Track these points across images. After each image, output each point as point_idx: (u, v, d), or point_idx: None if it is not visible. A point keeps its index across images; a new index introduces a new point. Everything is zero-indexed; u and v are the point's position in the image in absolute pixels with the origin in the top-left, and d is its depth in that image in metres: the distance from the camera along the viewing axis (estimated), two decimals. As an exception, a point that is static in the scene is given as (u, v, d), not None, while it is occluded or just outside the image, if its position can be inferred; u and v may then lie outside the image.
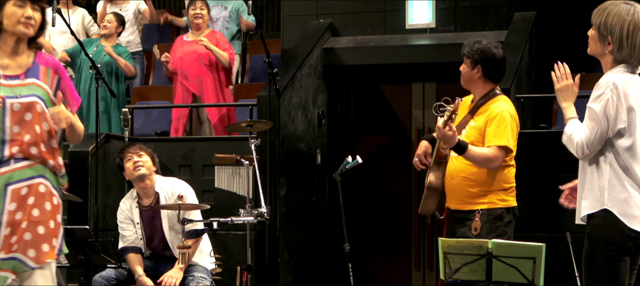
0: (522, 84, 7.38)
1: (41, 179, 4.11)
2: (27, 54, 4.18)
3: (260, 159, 6.60)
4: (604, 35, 4.01)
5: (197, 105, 8.34)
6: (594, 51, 4.12)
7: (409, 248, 8.67)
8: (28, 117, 4.07)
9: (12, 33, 4.11)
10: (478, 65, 5.30)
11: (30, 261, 4.06)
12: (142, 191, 6.09)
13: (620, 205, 3.97)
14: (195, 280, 5.95)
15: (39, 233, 4.08)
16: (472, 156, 5.14)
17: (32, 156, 4.09)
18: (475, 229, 5.22)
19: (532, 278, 4.73)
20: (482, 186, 5.26)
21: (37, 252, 4.07)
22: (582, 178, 4.12)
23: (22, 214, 4.05)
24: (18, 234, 4.04)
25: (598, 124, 3.98)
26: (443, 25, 8.33)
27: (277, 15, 11.29)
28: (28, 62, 4.15)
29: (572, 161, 4.21)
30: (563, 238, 6.18)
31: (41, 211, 4.10)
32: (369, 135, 8.88)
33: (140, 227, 6.08)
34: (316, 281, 8.01)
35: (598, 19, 4.03)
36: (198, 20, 8.41)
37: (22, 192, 4.06)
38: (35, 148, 4.08)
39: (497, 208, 5.27)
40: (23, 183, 4.07)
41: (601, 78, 4.05)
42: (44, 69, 4.17)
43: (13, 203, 4.05)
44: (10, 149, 4.05)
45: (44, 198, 4.11)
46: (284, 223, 7.40)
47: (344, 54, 8.39)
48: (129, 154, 6.09)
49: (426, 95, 8.78)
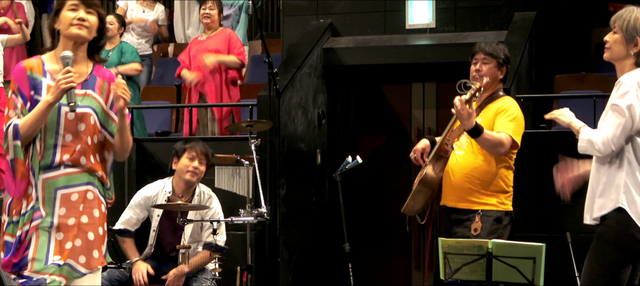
0: (522, 84, 7.38)
1: (90, 187, 4.11)
2: (86, 64, 4.15)
3: (260, 159, 6.60)
4: (632, 36, 4.09)
5: (197, 105, 8.33)
6: (615, 54, 4.17)
7: (409, 248, 8.67)
8: (81, 127, 4.06)
9: (67, 37, 4.09)
10: (504, 66, 5.43)
11: (82, 267, 4.06)
12: (181, 189, 6.09)
13: (635, 206, 3.98)
14: (198, 281, 5.97)
15: (89, 239, 4.08)
16: (485, 138, 5.17)
17: (81, 166, 4.09)
18: (475, 230, 5.24)
19: (532, 278, 4.73)
20: (485, 184, 5.29)
21: (88, 258, 4.08)
22: (596, 177, 4.13)
23: (74, 220, 4.06)
24: (71, 239, 4.05)
25: (623, 119, 4.01)
26: (443, 25, 8.33)
27: (277, 15, 11.29)
28: (86, 73, 4.14)
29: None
30: (563, 238, 6.18)
31: (90, 217, 4.10)
32: (369, 135, 8.88)
33: (157, 223, 6.09)
34: (316, 281, 8.01)
35: (623, 22, 4.11)
36: (206, 20, 8.42)
37: (72, 198, 4.06)
38: (84, 159, 4.08)
39: (496, 211, 5.31)
40: (73, 188, 4.07)
41: (623, 77, 4.10)
42: (100, 82, 4.16)
43: (63, 208, 4.05)
44: (62, 157, 4.05)
45: (92, 204, 4.12)
46: (284, 223, 7.40)
47: (344, 54, 8.39)
48: (194, 153, 6.06)
49: (426, 95, 8.78)
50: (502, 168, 5.35)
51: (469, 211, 5.32)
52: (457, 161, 5.37)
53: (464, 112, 5.02)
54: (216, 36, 8.34)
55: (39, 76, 4.08)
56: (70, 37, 4.09)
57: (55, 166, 4.05)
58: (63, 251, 4.03)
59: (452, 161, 5.40)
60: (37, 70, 4.09)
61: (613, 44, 4.16)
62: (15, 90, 4.06)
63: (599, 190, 4.09)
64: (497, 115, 5.31)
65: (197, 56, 8.24)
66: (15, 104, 4.05)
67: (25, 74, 4.07)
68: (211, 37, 8.34)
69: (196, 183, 6.11)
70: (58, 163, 4.05)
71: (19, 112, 4.03)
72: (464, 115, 5.03)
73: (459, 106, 5.01)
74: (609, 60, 4.21)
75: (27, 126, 3.99)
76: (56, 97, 3.98)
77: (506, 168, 5.37)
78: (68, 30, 4.08)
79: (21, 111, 4.03)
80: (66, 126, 4.05)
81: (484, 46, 5.44)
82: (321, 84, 8.33)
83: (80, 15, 4.07)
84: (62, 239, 4.04)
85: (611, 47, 4.17)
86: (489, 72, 5.38)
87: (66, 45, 4.11)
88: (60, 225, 4.04)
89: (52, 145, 4.05)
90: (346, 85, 8.78)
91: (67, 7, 4.09)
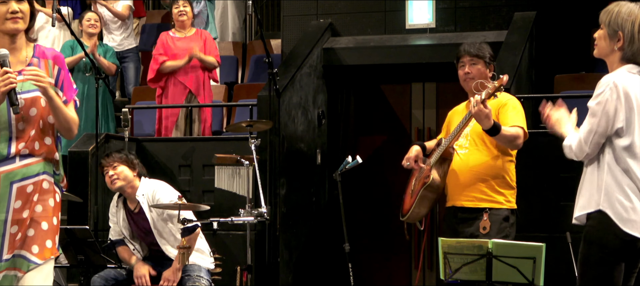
0: (522, 84, 7.38)
1: (45, 176, 4.09)
2: (26, 48, 4.14)
3: (260, 159, 6.60)
4: (615, 30, 4.04)
5: (198, 105, 8.34)
6: (601, 50, 4.14)
7: (409, 248, 8.67)
8: (33, 112, 4.04)
9: (3, 32, 4.08)
10: (491, 64, 5.48)
11: (34, 257, 4.03)
12: (128, 196, 6.15)
13: (616, 208, 3.97)
14: (192, 280, 5.95)
15: (42, 229, 4.06)
16: (503, 135, 5.18)
17: (36, 152, 4.06)
18: (484, 228, 5.25)
19: (532, 278, 4.73)
20: (494, 179, 5.31)
21: (41, 248, 4.05)
22: (582, 177, 4.13)
23: (28, 212, 4.04)
24: (22, 231, 4.03)
25: (596, 121, 4.00)
26: (443, 25, 8.33)
27: (277, 15, 11.30)
28: (28, 57, 4.12)
29: (572, 161, 4.21)
30: (563, 238, 6.18)
31: (44, 207, 4.08)
32: (369, 135, 8.88)
33: (127, 226, 6.16)
34: (316, 281, 8.00)
35: (607, 17, 4.07)
36: (182, 17, 8.47)
37: (28, 189, 4.04)
38: (38, 143, 4.06)
39: (504, 209, 5.33)
40: (28, 180, 4.05)
41: (603, 78, 4.07)
42: (44, 62, 4.14)
43: (18, 201, 4.03)
44: (17, 146, 4.03)
45: (47, 194, 4.10)
46: (284, 223, 7.40)
47: (344, 54, 8.39)
48: (105, 168, 6.15)
49: (426, 95, 8.78)
50: (507, 162, 5.38)
51: (476, 209, 5.32)
52: (462, 160, 5.37)
53: (482, 113, 5.03)
54: (194, 37, 8.39)
55: None
56: (7, 32, 4.07)
57: (10, 158, 4.02)
58: (14, 244, 4.01)
59: (456, 160, 5.40)
60: None
61: (598, 40, 4.14)
62: None
63: (583, 190, 4.09)
64: (500, 111, 5.32)
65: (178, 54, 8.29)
66: None
67: None
68: (188, 37, 8.38)
69: (130, 184, 6.10)
70: (14, 153, 4.02)
71: None
72: (482, 115, 5.04)
73: (475, 107, 5.02)
74: (598, 57, 4.18)
75: None
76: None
77: (510, 162, 5.41)
78: (3, 26, 4.06)
79: None
80: (17, 116, 4.01)
81: (468, 48, 5.49)
82: (321, 84, 8.33)
83: (13, 7, 4.04)
84: (15, 232, 4.02)
85: (597, 44, 4.15)
86: (478, 73, 5.43)
87: (3, 38, 4.08)
88: (14, 219, 4.02)
89: (6, 137, 4.02)
90: (346, 85, 8.78)
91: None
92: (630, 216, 3.96)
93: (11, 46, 4.10)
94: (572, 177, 4.29)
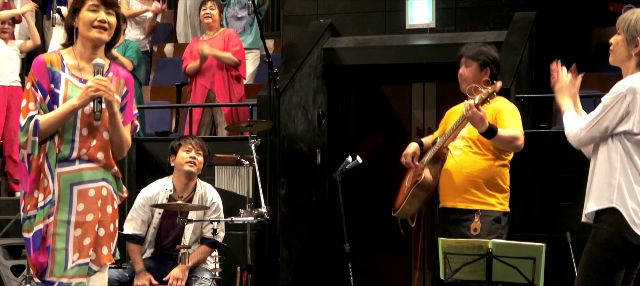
0: (522, 84, 7.38)
1: (104, 183, 4.12)
2: (103, 61, 4.15)
3: (260, 159, 6.60)
4: (633, 36, 4.08)
5: (198, 105, 8.32)
6: (618, 57, 4.16)
7: (409, 248, 8.67)
8: (97, 123, 4.07)
9: (87, 39, 4.10)
10: (487, 67, 5.42)
11: (92, 264, 4.06)
12: (182, 184, 6.11)
13: (628, 208, 3.97)
14: (199, 281, 5.96)
15: (99, 236, 4.09)
16: (501, 137, 5.17)
17: (97, 161, 4.09)
18: (475, 230, 5.25)
19: (532, 278, 4.73)
20: (486, 182, 5.31)
21: (98, 255, 4.08)
22: (591, 176, 4.13)
23: (92, 216, 4.06)
24: (91, 237, 4.04)
25: (602, 115, 4.02)
26: (443, 25, 8.33)
27: (277, 15, 11.29)
28: (104, 71, 4.13)
29: (572, 161, 4.22)
30: (563, 238, 6.18)
31: (104, 214, 4.11)
32: (369, 135, 8.88)
33: (159, 218, 6.09)
34: (316, 281, 8.00)
35: (626, 24, 4.11)
36: (207, 19, 8.42)
37: (90, 193, 4.07)
38: (101, 154, 4.10)
39: (495, 211, 5.33)
40: (89, 184, 4.08)
41: (624, 79, 4.09)
42: (116, 79, 4.17)
43: (81, 204, 4.05)
44: (79, 151, 4.06)
45: (106, 201, 4.13)
46: (284, 223, 7.40)
47: (344, 54, 8.39)
48: (190, 146, 6.12)
49: (426, 95, 8.78)
50: (500, 166, 5.38)
51: (467, 211, 5.33)
52: (456, 161, 5.37)
53: (476, 117, 5.02)
54: (218, 37, 8.35)
55: (58, 69, 4.09)
56: (91, 40, 4.10)
57: (71, 160, 4.05)
58: (82, 248, 4.03)
59: (450, 162, 5.40)
60: (57, 64, 4.10)
61: (615, 46, 4.16)
62: (34, 82, 4.06)
63: (593, 187, 4.09)
64: (496, 116, 5.32)
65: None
66: (34, 96, 4.05)
67: (45, 67, 4.08)
68: (213, 38, 8.34)
69: (196, 176, 6.14)
70: (75, 157, 4.06)
71: (38, 105, 4.03)
72: (476, 119, 5.03)
73: (469, 111, 5.01)
74: (613, 63, 4.20)
75: (48, 123, 4.00)
76: (83, 102, 4.00)
77: (504, 166, 5.40)
78: (89, 33, 4.09)
79: (40, 104, 4.04)
80: (82, 121, 4.06)
81: (464, 50, 5.51)
82: (321, 84, 8.33)
83: (101, 16, 4.08)
84: (80, 235, 4.03)
85: (614, 49, 4.17)
86: (470, 75, 5.43)
87: (85, 45, 4.12)
88: (78, 222, 4.03)
89: (70, 140, 4.06)
90: (346, 85, 8.78)
91: (87, 7, 4.09)
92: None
93: (91, 54, 4.13)
94: (572, 177, 4.30)
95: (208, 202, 6.10)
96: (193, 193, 6.13)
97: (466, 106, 5.04)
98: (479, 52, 5.45)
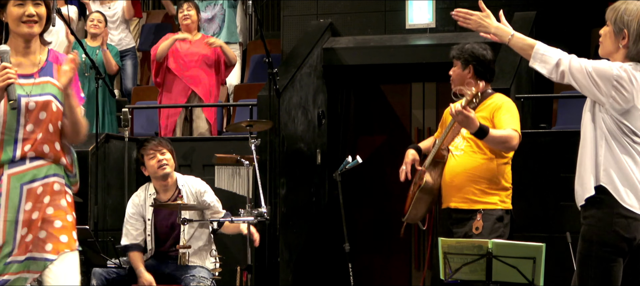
0: (522, 84, 7.38)
1: (55, 178, 4.08)
2: (40, 51, 4.13)
3: (260, 159, 6.60)
4: (620, 28, 4.02)
5: (199, 105, 8.32)
6: (606, 49, 4.12)
7: (409, 248, 8.67)
8: (42, 116, 4.02)
9: (17, 34, 4.06)
10: (469, 65, 5.40)
11: (48, 254, 4.00)
12: (162, 187, 6.12)
13: (614, 183, 3.93)
14: (196, 280, 5.96)
15: (55, 227, 4.03)
16: (493, 137, 5.14)
17: (45, 155, 4.05)
18: (477, 229, 5.25)
19: (532, 278, 4.73)
20: (488, 181, 5.30)
21: (55, 244, 4.02)
22: (579, 159, 4.09)
23: (38, 214, 4.02)
24: (33, 233, 4.01)
25: (591, 72, 3.96)
26: (443, 25, 8.33)
27: (277, 15, 11.29)
28: (41, 60, 4.11)
29: (572, 161, 4.20)
30: (563, 238, 6.18)
31: (56, 208, 4.06)
32: (369, 135, 8.88)
33: (151, 223, 6.09)
34: (316, 281, 8.01)
35: (613, 14, 4.06)
36: (186, 21, 8.41)
37: (38, 191, 4.03)
38: (48, 147, 4.05)
39: (497, 209, 5.32)
40: (38, 181, 4.03)
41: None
42: (57, 66, 4.13)
43: (29, 203, 4.01)
44: (23, 148, 4.01)
45: (59, 195, 4.08)
46: (284, 223, 7.40)
47: (344, 54, 8.39)
48: (152, 151, 6.10)
49: (426, 95, 8.78)
50: (502, 164, 5.37)
51: (470, 211, 5.32)
52: (457, 162, 5.37)
53: (465, 120, 5.00)
54: (199, 42, 8.35)
55: None
56: (22, 35, 4.05)
57: (19, 161, 4.01)
58: (24, 245, 3.99)
59: (451, 162, 5.40)
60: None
61: (604, 38, 4.12)
62: None
63: (581, 170, 4.04)
64: (494, 114, 5.31)
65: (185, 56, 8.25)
66: None
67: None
68: (195, 41, 8.34)
69: (172, 173, 6.13)
70: (21, 156, 4.00)
71: None
72: (466, 121, 5.02)
73: (458, 116, 4.99)
74: (602, 55, 4.15)
75: None
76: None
77: (506, 164, 5.40)
78: (18, 29, 4.03)
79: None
80: (27, 117, 4.01)
81: (452, 49, 5.48)
82: (321, 84, 8.33)
83: (29, 11, 4.01)
84: (25, 233, 4.00)
85: (602, 41, 4.13)
86: (455, 75, 5.45)
87: (18, 40, 4.06)
88: (25, 220, 4.00)
89: (12, 139, 4.00)
90: (346, 85, 8.78)
91: (13, 2, 4.02)
92: (630, 194, 3.93)
93: (26, 48, 4.09)
94: (572, 177, 4.27)
95: (200, 195, 6.09)
96: (177, 190, 6.12)
97: (453, 109, 5.02)
98: (460, 51, 5.45)
